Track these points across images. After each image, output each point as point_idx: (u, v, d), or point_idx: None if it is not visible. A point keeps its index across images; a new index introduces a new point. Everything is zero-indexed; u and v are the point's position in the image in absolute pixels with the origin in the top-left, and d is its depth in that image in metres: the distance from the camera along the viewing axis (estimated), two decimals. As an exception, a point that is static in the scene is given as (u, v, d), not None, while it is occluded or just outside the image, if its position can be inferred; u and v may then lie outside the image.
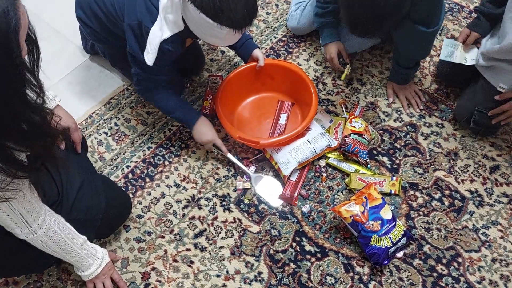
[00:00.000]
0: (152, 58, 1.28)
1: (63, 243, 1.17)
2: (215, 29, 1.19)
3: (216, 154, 1.58)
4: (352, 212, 1.35)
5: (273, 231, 1.45)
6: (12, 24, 0.72)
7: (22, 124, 0.83)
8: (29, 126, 0.84)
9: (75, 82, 1.79)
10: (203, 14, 1.17)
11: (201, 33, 1.26)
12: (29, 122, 0.84)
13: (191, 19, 1.23)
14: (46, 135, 0.90)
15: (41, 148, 0.91)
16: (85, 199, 1.28)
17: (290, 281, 1.37)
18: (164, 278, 1.38)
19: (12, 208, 1.01)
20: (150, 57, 1.28)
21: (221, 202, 1.51)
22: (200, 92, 1.75)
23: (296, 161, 1.48)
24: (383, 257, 1.33)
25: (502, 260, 1.39)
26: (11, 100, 0.78)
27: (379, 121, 1.66)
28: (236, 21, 1.18)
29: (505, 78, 1.40)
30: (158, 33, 1.25)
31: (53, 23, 1.91)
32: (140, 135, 1.65)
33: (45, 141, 0.91)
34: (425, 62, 1.79)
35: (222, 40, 1.27)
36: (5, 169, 0.85)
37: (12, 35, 0.73)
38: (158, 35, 1.25)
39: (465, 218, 1.46)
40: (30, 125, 0.84)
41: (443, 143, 1.60)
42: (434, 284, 1.35)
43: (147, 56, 1.28)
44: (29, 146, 0.88)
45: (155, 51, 1.27)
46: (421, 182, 1.53)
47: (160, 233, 1.46)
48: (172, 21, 1.24)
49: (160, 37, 1.25)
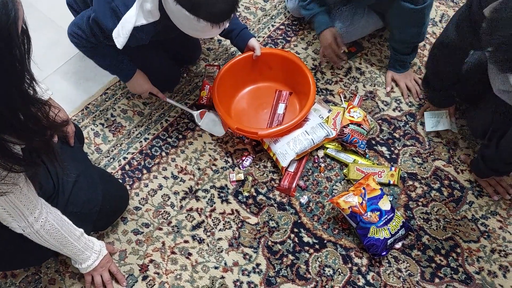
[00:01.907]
0: (122, 42, 1.27)
1: (60, 236, 1.16)
2: (192, 22, 1.18)
3: (155, 100, 1.67)
4: (350, 203, 1.34)
5: (271, 223, 1.45)
6: (12, 16, 0.72)
7: (21, 116, 0.82)
8: (27, 118, 0.84)
9: (71, 72, 1.77)
10: (180, 6, 1.16)
11: (181, 25, 1.24)
12: (27, 114, 0.83)
13: (170, 11, 1.21)
14: (45, 127, 0.89)
15: (40, 141, 0.91)
16: (82, 193, 1.28)
17: (288, 273, 1.37)
18: (162, 270, 1.38)
19: (9, 202, 1.01)
20: (121, 40, 1.27)
21: (219, 193, 1.50)
22: (197, 82, 1.73)
23: (294, 152, 1.47)
24: (381, 248, 1.33)
25: (501, 251, 1.38)
26: (10, 92, 0.78)
27: (378, 111, 1.64)
28: (213, 15, 1.16)
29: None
30: (132, 19, 1.24)
31: (49, 13, 1.88)
32: (136, 126, 1.64)
33: (44, 134, 0.90)
34: (425, 50, 1.76)
35: (202, 33, 1.25)
36: (1, 162, 0.84)
37: (12, 26, 0.73)
38: (131, 21, 1.24)
39: (464, 209, 1.45)
40: (29, 117, 0.84)
41: (443, 133, 1.59)
42: (432, 275, 1.35)
43: (117, 39, 1.27)
44: (29, 139, 0.88)
45: (127, 35, 1.26)
46: (420, 172, 1.52)
47: (158, 225, 1.45)
48: (148, 10, 1.23)
49: (133, 23, 1.24)
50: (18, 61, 0.76)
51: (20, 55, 0.76)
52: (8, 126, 0.81)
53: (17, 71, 0.77)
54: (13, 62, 0.75)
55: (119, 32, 1.26)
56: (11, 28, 0.72)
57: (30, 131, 0.85)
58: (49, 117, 0.90)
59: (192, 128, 1.62)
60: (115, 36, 1.27)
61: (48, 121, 0.89)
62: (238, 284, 1.35)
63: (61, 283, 1.37)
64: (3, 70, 0.74)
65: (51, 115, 0.91)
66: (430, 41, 1.78)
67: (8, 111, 0.79)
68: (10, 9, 0.72)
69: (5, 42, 0.72)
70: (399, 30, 1.56)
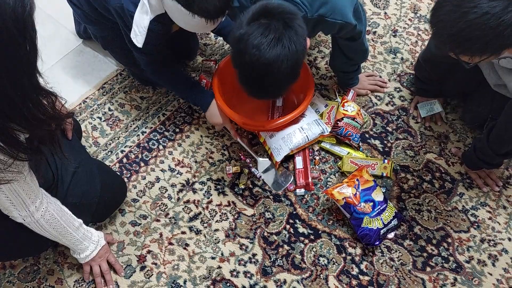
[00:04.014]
0: (141, 40, 1.29)
1: (59, 226, 1.18)
2: (187, 17, 1.20)
3: (225, 135, 1.62)
4: (344, 194, 1.38)
5: (267, 214, 1.47)
6: (28, 8, 0.75)
7: (30, 105, 0.84)
8: (36, 107, 0.86)
9: (68, 67, 1.79)
10: (176, 2, 1.18)
11: (176, 19, 1.26)
12: (36, 103, 0.86)
13: (166, 5, 1.23)
14: (52, 117, 0.91)
15: (47, 130, 0.93)
16: (80, 184, 1.29)
17: (284, 262, 1.40)
18: (159, 260, 1.40)
19: (12, 190, 1.03)
20: (140, 39, 1.29)
21: (215, 185, 1.53)
22: (194, 76, 1.75)
23: (289, 147, 1.49)
24: (374, 238, 1.36)
25: (490, 240, 1.42)
26: (23, 81, 0.80)
27: (371, 105, 1.68)
28: (207, 12, 1.17)
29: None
30: (143, 15, 1.26)
31: (46, 8, 1.89)
32: (134, 120, 1.66)
33: (50, 124, 0.92)
34: (417, 46, 1.80)
35: (196, 28, 1.28)
36: (7, 150, 0.86)
37: (28, 19, 0.75)
38: (144, 17, 1.26)
39: (455, 200, 1.49)
40: (38, 106, 0.86)
41: (434, 126, 1.62)
42: (424, 264, 1.39)
43: (136, 38, 1.29)
44: (36, 128, 0.90)
45: (144, 32, 1.28)
46: (412, 165, 1.55)
47: (156, 217, 1.47)
48: (154, 5, 1.26)
49: (147, 18, 1.26)
50: (31, 51, 0.78)
51: (33, 46, 0.78)
52: (18, 114, 0.83)
53: (30, 61, 0.79)
54: (26, 53, 0.77)
55: (135, 32, 1.29)
56: (27, 20, 0.75)
57: (38, 119, 0.87)
58: (56, 107, 0.92)
59: (189, 121, 1.65)
60: (133, 36, 1.29)
61: (54, 111, 0.91)
62: (234, 273, 1.38)
63: (60, 273, 1.39)
64: (18, 60, 0.77)
65: (58, 105, 0.93)
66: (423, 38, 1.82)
67: (19, 99, 0.81)
68: (26, 2, 0.75)
69: (20, 33, 0.75)
70: (345, 57, 1.55)
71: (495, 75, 1.36)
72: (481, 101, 1.49)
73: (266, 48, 1.08)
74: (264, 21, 1.10)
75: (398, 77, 1.73)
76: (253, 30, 1.09)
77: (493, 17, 0.92)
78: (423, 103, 1.63)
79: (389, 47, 1.80)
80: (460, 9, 0.96)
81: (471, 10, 0.94)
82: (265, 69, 1.11)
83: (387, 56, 1.77)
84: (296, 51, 1.11)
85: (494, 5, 0.92)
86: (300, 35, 1.12)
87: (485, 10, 0.93)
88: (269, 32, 1.08)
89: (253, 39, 1.09)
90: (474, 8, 0.93)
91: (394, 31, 1.84)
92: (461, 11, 0.96)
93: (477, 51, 1.02)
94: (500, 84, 1.37)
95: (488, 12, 0.92)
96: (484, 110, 1.48)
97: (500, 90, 1.39)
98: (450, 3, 0.98)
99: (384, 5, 1.91)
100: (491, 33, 0.95)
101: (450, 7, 0.98)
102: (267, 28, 1.09)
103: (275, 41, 1.08)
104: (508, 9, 0.92)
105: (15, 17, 0.73)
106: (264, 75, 1.13)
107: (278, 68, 1.10)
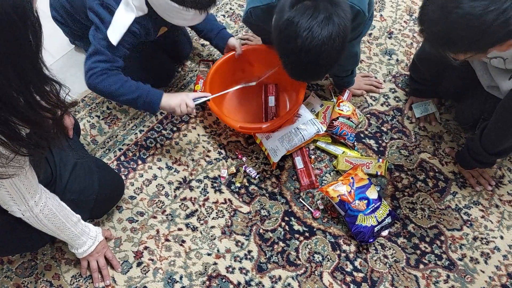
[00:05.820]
0: (118, 38, 1.29)
1: (57, 221, 1.19)
2: (181, 12, 1.23)
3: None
4: (339, 192, 1.39)
5: (263, 211, 1.49)
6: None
7: (34, 93, 0.85)
8: (40, 95, 0.87)
9: (67, 66, 1.81)
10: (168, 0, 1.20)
11: (168, 17, 1.29)
12: (40, 91, 0.87)
13: (157, 5, 1.26)
14: (56, 106, 0.92)
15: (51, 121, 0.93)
16: (79, 180, 1.31)
17: (279, 259, 1.41)
18: (156, 256, 1.42)
19: (13, 185, 1.04)
20: (116, 36, 1.29)
21: (212, 183, 1.54)
22: (192, 76, 1.77)
23: (285, 148, 1.51)
24: (368, 235, 1.38)
25: (483, 238, 1.44)
26: (25, 68, 0.81)
27: (367, 105, 1.70)
28: (199, 2, 1.21)
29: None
30: (125, 14, 1.28)
31: (45, 8, 1.91)
32: (132, 118, 1.67)
33: (55, 113, 0.93)
34: (412, 48, 1.82)
35: (190, 21, 1.30)
36: (10, 144, 0.87)
37: (28, 5, 0.76)
38: (125, 16, 1.28)
39: (448, 199, 1.51)
40: (42, 94, 0.87)
41: (428, 127, 1.65)
42: (417, 261, 1.40)
43: (112, 34, 1.29)
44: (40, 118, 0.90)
45: (123, 31, 1.29)
46: (407, 164, 1.57)
47: (152, 214, 1.49)
48: (136, 6, 1.28)
49: (129, 18, 1.28)
50: (33, 37, 0.79)
51: (36, 32, 0.79)
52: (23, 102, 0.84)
53: (32, 47, 0.80)
54: (28, 38, 0.78)
55: (113, 28, 1.29)
56: (26, 5, 0.76)
57: (42, 107, 0.88)
58: (59, 96, 0.93)
59: (186, 120, 1.67)
60: (109, 32, 1.29)
61: (58, 99, 0.92)
62: (230, 270, 1.40)
63: (57, 269, 1.40)
64: (20, 45, 0.78)
65: (62, 95, 0.94)
66: (418, 40, 1.84)
67: (23, 85, 0.82)
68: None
69: (20, 19, 0.75)
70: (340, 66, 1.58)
71: (488, 76, 1.39)
72: (474, 102, 1.51)
73: (317, 29, 1.08)
74: (308, 2, 1.09)
75: (393, 78, 1.75)
76: (301, 12, 1.09)
77: (475, 17, 0.94)
78: (418, 104, 1.66)
79: (384, 49, 1.82)
80: (443, 9, 0.99)
81: (453, 10, 0.96)
82: (319, 49, 1.10)
83: (383, 58, 1.80)
84: (345, 26, 1.12)
85: (475, 5, 0.94)
86: (346, 10, 1.13)
87: (467, 11, 0.95)
88: (319, 12, 1.08)
89: (304, 21, 1.08)
90: (456, 8, 0.96)
91: (389, 33, 1.86)
92: (444, 11, 0.99)
93: (461, 49, 1.05)
94: (493, 86, 1.39)
95: (470, 12, 0.95)
96: (477, 111, 1.50)
97: (493, 91, 1.41)
98: (435, 2, 1.01)
99: (380, 8, 1.94)
100: (473, 32, 0.97)
101: (435, 7, 1.01)
102: (316, 9, 1.08)
103: (326, 20, 1.08)
104: (489, 8, 0.93)
105: (13, 2, 0.73)
106: (318, 56, 1.12)
107: (331, 46, 1.10)
